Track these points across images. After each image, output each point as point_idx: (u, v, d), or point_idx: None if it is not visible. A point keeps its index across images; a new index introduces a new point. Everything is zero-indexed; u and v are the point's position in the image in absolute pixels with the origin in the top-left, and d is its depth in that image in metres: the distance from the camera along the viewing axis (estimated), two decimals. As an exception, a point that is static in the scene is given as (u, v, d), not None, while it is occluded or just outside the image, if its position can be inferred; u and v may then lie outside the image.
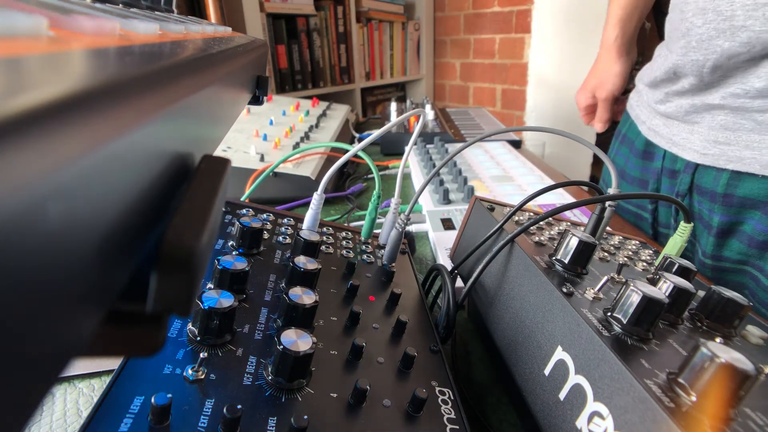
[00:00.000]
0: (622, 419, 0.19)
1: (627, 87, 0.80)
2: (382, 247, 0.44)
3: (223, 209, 0.40)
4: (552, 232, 0.37)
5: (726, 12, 0.48)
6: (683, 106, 0.57)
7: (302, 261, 0.31)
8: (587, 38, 1.74)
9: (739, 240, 0.54)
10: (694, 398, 0.18)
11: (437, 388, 0.28)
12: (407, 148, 0.43)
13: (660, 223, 0.66)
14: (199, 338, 0.25)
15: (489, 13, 2.05)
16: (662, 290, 0.26)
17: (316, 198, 0.40)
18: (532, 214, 0.41)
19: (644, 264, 0.36)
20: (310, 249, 0.34)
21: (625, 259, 0.36)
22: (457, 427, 0.25)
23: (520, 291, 0.29)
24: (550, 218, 0.40)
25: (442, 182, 0.67)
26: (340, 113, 1.05)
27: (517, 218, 0.37)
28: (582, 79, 0.86)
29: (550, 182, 0.70)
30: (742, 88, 0.50)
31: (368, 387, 0.25)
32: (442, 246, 0.52)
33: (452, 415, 0.26)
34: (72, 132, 0.06)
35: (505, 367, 0.29)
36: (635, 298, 0.23)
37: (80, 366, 0.34)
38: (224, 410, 0.20)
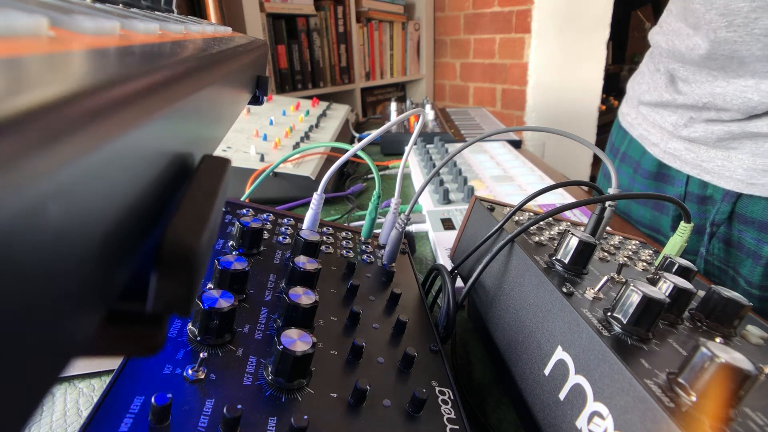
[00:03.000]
0: (622, 419, 0.19)
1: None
2: (382, 247, 0.44)
3: (223, 209, 0.40)
4: (552, 232, 0.37)
5: None
6: (714, 133, 0.53)
7: (302, 261, 0.31)
8: (587, 38, 1.75)
9: None
10: (694, 398, 0.18)
11: (437, 388, 0.28)
12: (407, 148, 0.43)
13: (712, 254, 0.61)
14: (199, 338, 0.25)
15: (489, 13, 2.05)
16: (662, 290, 0.26)
17: (316, 198, 0.40)
18: (532, 214, 0.41)
19: (644, 264, 0.36)
20: (310, 249, 0.34)
21: (625, 259, 0.36)
22: (457, 427, 0.25)
23: (520, 291, 0.29)
24: (550, 218, 0.40)
25: (442, 182, 0.67)
26: (340, 113, 1.05)
27: (517, 218, 0.37)
28: (582, 79, 0.85)
29: (550, 182, 0.70)
30: None
31: (368, 387, 0.25)
32: (442, 246, 0.52)
33: (452, 415, 0.26)
34: (72, 132, 0.06)
35: (505, 367, 0.29)
36: (635, 298, 0.23)
37: (80, 366, 0.34)
38: (224, 410, 0.20)
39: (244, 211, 0.40)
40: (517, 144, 0.99)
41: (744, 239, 0.54)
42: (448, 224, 0.57)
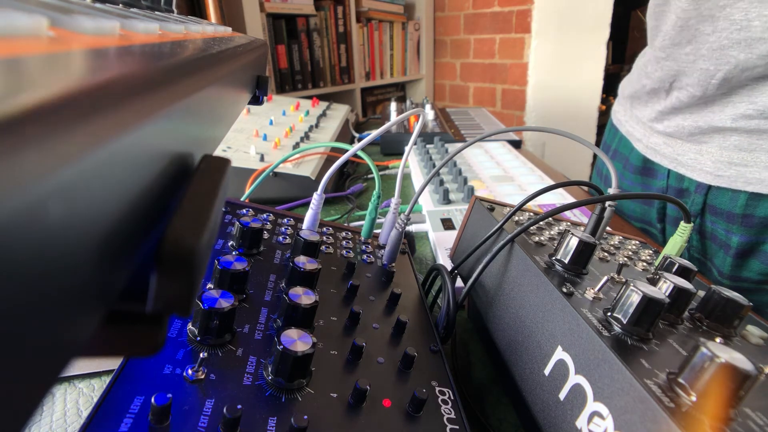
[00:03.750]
0: (622, 419, 0.19)
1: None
2: (382, 247, 0.44)
3: (223, 209, 0.40)
4: (552, 232, 0.37)
5: (741, 21, 0.46)
6: (685, 128, 0.56)
7: (302, 261, 0.31)
8: (587, 38, 1.75)
9: (760, 260, 0.52)
10: (694, 398, 0.18)
11: (437, 388, 0.28)
12: (407, 148, 0.43)
13: (692, 246, 0.64)
14: (199, 338, 0.25)
15: (489, 13, 2.05)
16: (662, 290, 0.26)
17: (316, 198, 0.40)
18: (532, 214, 0.41)
19: (644, 264, 0.36)
20: (310, 249, 0.34)
21: (625, 259, 0.36)
22: (457, 427, 0.25)
23: (520, 291, 0.29)
24: (550, 218, 0.40)
25: (442, 182, 0.67)
26: (340, 113, 1.05)
27: (517, 218, 0.37)
28: (582, 79, 0.86)
29: (550, 182, 0.70)
30: (754, 109, 0.48)
31: (368, 387, 0.25)
32: (442, 246, 0.52)
33: (452, 415, 0.26)
34: (72, 132, 0.06)
35: (505, 367, 0.29)
36: (635, 298, 0.23)
37: (80, 366, 0.34)
38: (224, 410, 0.20)
39: (244, 211, 0.40)
40: (517, 144, 0.99)
41: (716, 230, 0.56)
42: (448, 224, 0.57)
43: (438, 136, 0.96)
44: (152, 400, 0.20)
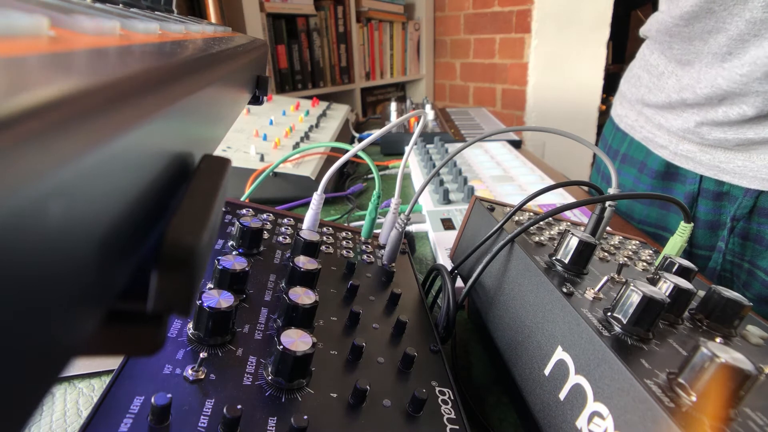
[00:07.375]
0: (622, 419, 0.19)
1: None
2: (382, 247, 0.44)
3: (223, 209, 0.40)
4: (552, 232, 0.37)
5: None
6: (731, 140, 0.53)
7: (302, 261, 0.31)
8: (587, 38, 1.75)
9: None
10: (694, 398, 0.18)
11: (437, 388, 0.28)
12: (407, 149, 0.43)
13: (696, 244, 0.62)
14: (199, 338, 0.25)
15: (489, 13, 2.05)
16: (662, 290, 0.26)
17: (316, 198, 0.40)
18: (532, 214, 0.41)
19: (644, 264, 0.36)
20: (310, 249, 0.34)
21: (625, 259, 0.36)
22: (457, 427, 0.25)
23: (520, 291, 0.29)
24: (550, 218, 0.40)
25: (442, 182, 0.67)
26: (340, 113, 1.05)
27: (517, 218, 0.37)
28: (582, 79, 0.83)
29: (550, 182, 0.70)
30: None
31: (368, 387, 0.24)
32: (442, 246, 0.52)
33: (452, 415, 0.26)
34: (72, 131, 0.06)
35: (505, 367, 0.29)
36: (635, 298, 0.23)
37: (80, 366, 0.34)
38: (224, 410, 0.20)
39: (244, 211, 0.40)
40: (517, 144, 0.99)
41: (763, 232, 0.55)
42: (448, 224, 0.57)
43: (438, 136, 0.96)
44: (152, 400, 0.20)
